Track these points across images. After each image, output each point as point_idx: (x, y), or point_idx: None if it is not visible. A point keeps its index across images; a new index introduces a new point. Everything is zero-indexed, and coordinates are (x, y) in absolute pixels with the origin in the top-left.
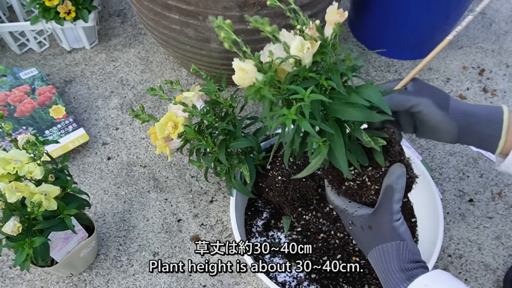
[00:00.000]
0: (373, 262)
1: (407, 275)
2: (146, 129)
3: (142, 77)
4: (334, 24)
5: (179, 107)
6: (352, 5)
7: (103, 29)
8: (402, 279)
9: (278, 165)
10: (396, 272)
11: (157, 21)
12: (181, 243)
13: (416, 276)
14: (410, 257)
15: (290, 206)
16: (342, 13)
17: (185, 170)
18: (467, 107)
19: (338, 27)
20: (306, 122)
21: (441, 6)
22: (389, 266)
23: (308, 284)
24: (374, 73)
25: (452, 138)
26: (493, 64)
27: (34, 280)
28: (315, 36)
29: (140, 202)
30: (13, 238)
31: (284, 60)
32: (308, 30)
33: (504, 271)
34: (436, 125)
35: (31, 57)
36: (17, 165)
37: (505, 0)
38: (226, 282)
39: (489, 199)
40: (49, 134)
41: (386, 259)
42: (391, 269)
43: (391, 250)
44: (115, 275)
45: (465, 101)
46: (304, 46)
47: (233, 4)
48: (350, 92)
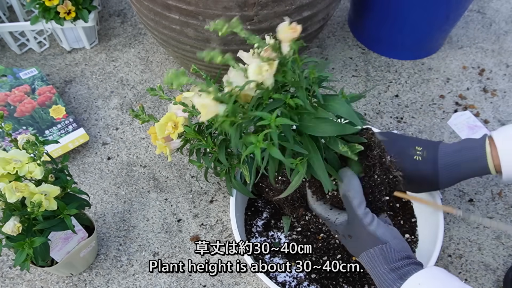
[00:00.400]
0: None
1: (398, 274)
2: (146, 129)
3: (142, 77)
4: (290, 41)
5: (179, 107)
6: (352, 5)
7: (103, 29)
8: (394, 279)
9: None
10: (387, 273)
11: (157, 21)
12: (181, 243)
13: (408, 274)
14: (396, 256)
15: (290, 206)
16: (295, 28)
17: (185, 170)
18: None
19: (294, 43)
20: (275, 150)
21: (441, 6)
22: (379, 270)
23: (308, 284)
24: (374, 73)
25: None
26: (493, 64)
27: (34, 280)
28: (273, 56)
29: (140, 202)
30: (13, 238)
31: (243, 88)
32: (264, 52)
33: (504, 271)
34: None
35: (31, 57)
36: (17, 165)
37: (505, 0)
38: (226, 282)
39: (489, 199)
40: (49, 134)
41: (373, 264)
42: (381, 271)
43: (376, 255)
44: (115, 275)
45: (464, 101)
46: (262, 69)
47: (233, 4)
48: (317, 108)
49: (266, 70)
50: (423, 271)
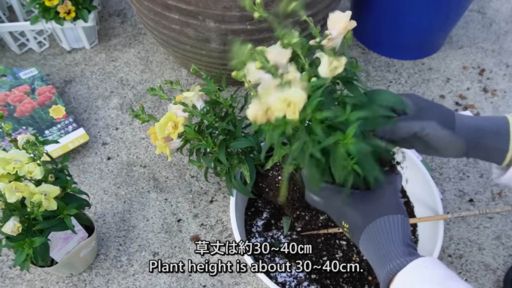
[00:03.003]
0: (374, 234)
1: (408, 250)
2: (146, 129)
3: (142, 77)
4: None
5: (179, 107)
6: (352, 5)
7: (103, 29)
8: (404, 253)
9: (278, 165)
10: (400, 244)
11: (157, 21)
12: (181, 243)
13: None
14: (410, 236)
15: (290, 206)
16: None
17: (185, 170)
18: (473, 122)
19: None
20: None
21: (441, 6)
22: (393, 238)
23: (308, 284)
24: (374, 73)
25: (459, 154)
26: (493, 64)
27: (34, 280)
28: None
29: (140, 202)
30: (13, 238)
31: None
32: (327, 41)
33: (504, 271)
34: (443, 145)
35: (31, 57)
36: (17, 165)
37: (505, 0)
38: (226, 282)
39: (489, 199)
40: (49, 134)
41: (391, 229)
42: (395, 240)
43: (397, 222)
44: (115, 275)
45: (465, 101)
46: (333, 65)
47: (233, 4)
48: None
49: (336, 67)
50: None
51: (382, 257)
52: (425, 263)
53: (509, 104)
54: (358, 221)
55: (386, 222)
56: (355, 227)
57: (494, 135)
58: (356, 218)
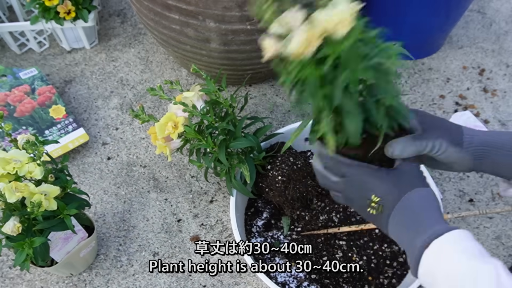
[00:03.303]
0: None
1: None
2: (146, 129)
3: (142, 77)
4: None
5: (179, 107)
6: None
7: (103, 29)
8: (443, 222)
9: (278, 165)
10: (438, 213)
11: (157, 21)
12: (181, 243)
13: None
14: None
15: (290, 206)
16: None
17: (185, 170)
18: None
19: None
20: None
21: (441, 6)
22: (431, 207)
23: (308, 284)
24: None
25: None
26: (493, 64)
27: (34, 280)
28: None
29: (140, 202)
30: (13, 238)
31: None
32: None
33: None
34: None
35: (31, 57)
36: (17, 165)
37: (505, 0)
38: (226, 282)
39: (489, 199)
40: (49, 134)
41: (427, 200)
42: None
43: (432, 194)
44: (115, 275)
45: (465, 101)
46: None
47: (233, 4)
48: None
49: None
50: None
51: (420, 225)
52: (462, 235)
53: (509, 104)
54: (392, 192)
55: (423, 193)
56: (387, 199)
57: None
58: (389, 189)
